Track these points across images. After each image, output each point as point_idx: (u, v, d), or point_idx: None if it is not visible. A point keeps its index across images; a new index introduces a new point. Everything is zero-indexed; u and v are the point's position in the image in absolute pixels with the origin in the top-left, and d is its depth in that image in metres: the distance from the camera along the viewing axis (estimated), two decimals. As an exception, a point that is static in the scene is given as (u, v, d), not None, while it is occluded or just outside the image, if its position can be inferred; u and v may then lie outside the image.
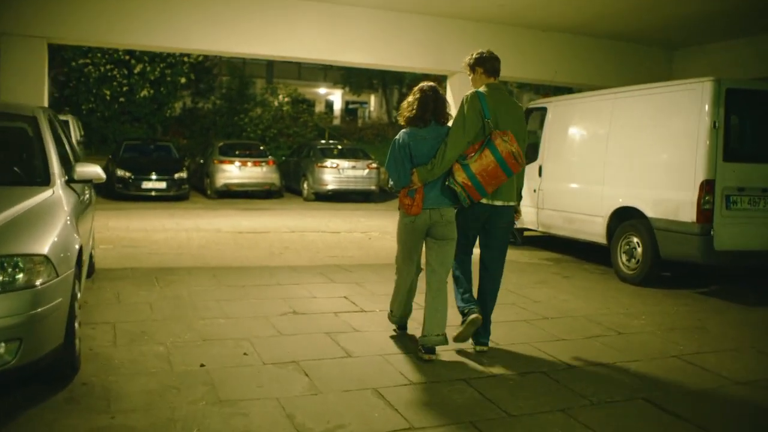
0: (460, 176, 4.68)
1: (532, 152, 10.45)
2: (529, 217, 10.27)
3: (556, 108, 9.92)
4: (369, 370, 4.58)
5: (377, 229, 12.48)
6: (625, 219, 8.33)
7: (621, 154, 8.41)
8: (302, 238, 11.10)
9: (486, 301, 5.18)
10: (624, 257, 8.28)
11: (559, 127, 9.76)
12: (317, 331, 5.46)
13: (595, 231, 8.79)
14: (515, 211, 5.08)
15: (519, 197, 5.12)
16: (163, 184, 17.71)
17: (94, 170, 5.12)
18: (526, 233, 10.97)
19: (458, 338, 5.02)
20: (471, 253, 5.22)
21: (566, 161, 9.50)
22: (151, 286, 6.85)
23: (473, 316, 4.92)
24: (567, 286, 7.84)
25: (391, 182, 4.95)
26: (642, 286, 7.90)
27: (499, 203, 4.90)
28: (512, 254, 10.10)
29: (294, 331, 5.46)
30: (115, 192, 17.42)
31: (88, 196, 6.10)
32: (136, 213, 14.18)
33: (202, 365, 4.52)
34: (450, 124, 4.93)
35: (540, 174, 9.98)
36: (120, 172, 17.59)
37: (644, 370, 4.85)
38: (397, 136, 4.95)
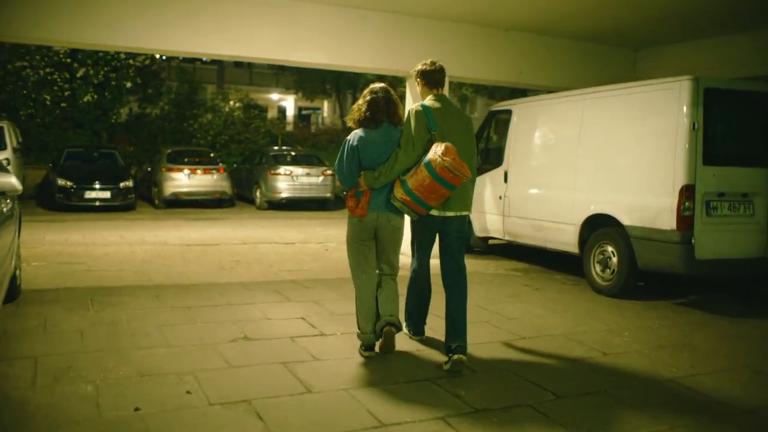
0: (399, 192, 4.72)
1: (496, 157, 10.00)
2: (494, 225, 9.79)
3: (521, 110, 9.46)
4: (333, 410, 3.97)
5: (334, 239, 11.86)
6: (598, 227, 7.89)
7: (593, 158, 7.96)
8: (255, 251, 10.42)
9: (454, 311, 5.01)
10: (598, 267, 7.83)
11: (525, 131, 9.29)
12: (272, 361, 4.82)
13: (566, 240, 8.33)
14: (467, 219, 5.11)
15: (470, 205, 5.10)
16: (107, 194, 16.83)
17: (7, 181, 4.42)
18: (491, 242, 10.49)
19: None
20: (426, 265, 5.30)
21: (534, 166, 9.04)
22: (84, 310, 6.12)
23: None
24: (540, 299, 7.35)
25: (339, 181, 5.02)
26: (618, 298, 7.45)
27: (450, 214, 4.91)
28: (478, 264, 9.65)
29: (245, 361, 4.81)
30: (55, 202, 16.49)
31: (8, 208, 5.35)
32: (76, 225, 13.30)
33: (136, 409, 3.84)
34: (403, 125, 4.92)
35: (505, 180, 9.50)
36: (61, 182, 16.66)
37: (641, 399, 4.35)
38: (348, 137, 4.93)
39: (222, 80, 40.69)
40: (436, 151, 4.55)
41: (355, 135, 4.90)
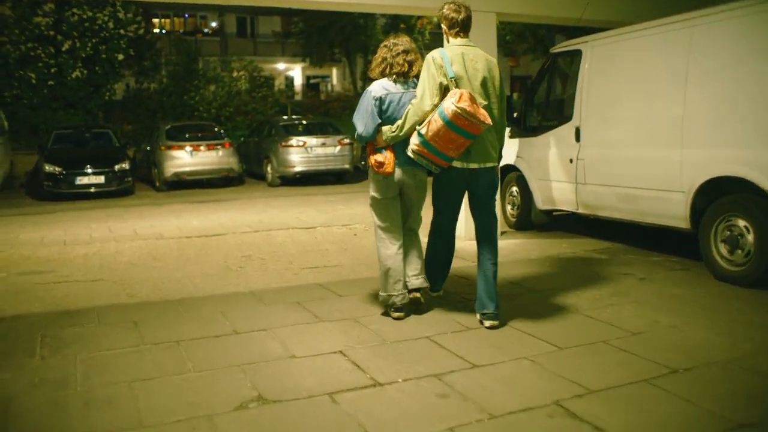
0: (415, 143, 4.54)
1: (560, 111, 8.02)
2: (563, 195, 7.85)
3: (597, 49, 7.43)
4: None
5: (361, 220, 9.95)
6: (720, 194, 5.94)
7: (712, 104, 5.96)
8: (268, 240, 8.54)
9: (487, 270, 4.76)
10: (723, 248, 5.88)
11: (604, 75, 7.28)
12: (305, 450, 2.96)
13: (672, 212, 6.37)
14: (496, 170, 4.83)
15: (499, 157, 4.87)
16: (101, 179, 15.03)
17: None
18: (555, 213, 8.57)
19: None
20: (451, 225, 5.08)
21: (619, 120, 7.03)
22: (26, 357, 4.26)
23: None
24: (654, 296, 5.43)
25: (356, 134, 4.74)
26: (757, 288, 5.53)
27: (474, 166, 4.66)
28: (547, 244, 7.73)
29: (261, 453, 2.96)
30: (44, 191, 14.71)
31: None
32: (61, 217, 11.49)
33: None
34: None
35: (578, 139, 7.52)
36: (48, 167, 14.86)
37: None
38: (369, 87, 4.76)
39: (225, 51, 38.72)
40: (450, 97, 4.35)
41: (378, 85, 4.73)
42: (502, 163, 8.45)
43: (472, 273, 5.49)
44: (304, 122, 18.16)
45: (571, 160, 7.63)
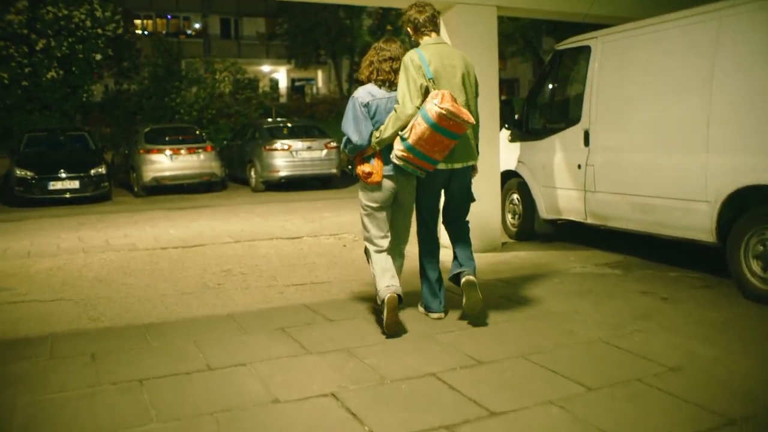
0: (399, 149, 4.39)
1: (566, 112, 7.45)
2: (570, 203, 7.26)
3: (607, 45, 6.84)
4: None
5: (350, 229, 9.30)
6: (751, 205, 5.36)
7: (740, 105, 5.38)
8: (251, 252, 7.89)
9: (460, 248, 4.86)
10: (756, 264, 5.30)
11: (616, 73, 6.69)
12: None
13: (694, 224, 5.79)
14: (473, 168, 4.83)
15: (477, 153, 4.79)
16: (75, 184, 14.36)
17: None
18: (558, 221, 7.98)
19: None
20: (436, 231, 4.95)
21: (634, 122, 6.44)
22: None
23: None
24: (684, 320, 4.83)
25: (345, 147, 4.63)
26: (797, 311, 4.96)
27: (459, 165, 4.65)
28: (553, 257, 7.13)
29: None
30: (15, 197, 13.97)
31: None
32: (31, 225, 10.80)
33: None
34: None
35: (586, 143, 6.93)
36: (19, 172, 14.17)
37: None
38: (355, 93, 4.67)
39: (209, 53, 38.06)
40: (432, 99, 4.27)
41: (363, 90, 4.61)
42: (502, 169, 7.96)
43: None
44: (289, 125, 17.54)
45: (579, 166, 7.04)
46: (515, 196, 8.24)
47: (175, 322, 5.04)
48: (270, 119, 21.01)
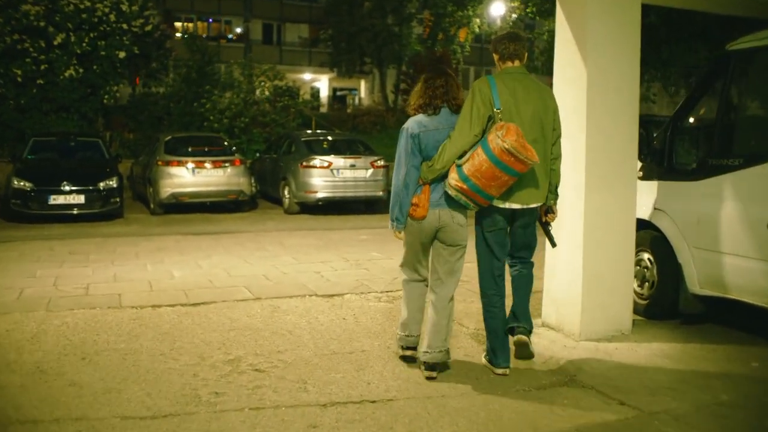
0: (453, 178, 4.13)
1: (743, 143, 5.06)
2: (746, 278, 4.87)
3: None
4: None
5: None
6: None
7: None
8: (272, 322, 5.60)
9: (519, 302, 4.56)
10: None
11: None
12: None
13: None
14: (550, 211, 4.48)
15: (554, 195, 4.44)
16: (80, 198, 12.39)
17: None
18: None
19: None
20: (499, 271, 4.48)
21: None
22: None
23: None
24: None
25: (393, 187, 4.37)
26: None
27: (516, 206, 4.28)
28: (725, 355, 4.69)
29: None
30: (11, 211, 12.00)
31: None
32: (9, 253, 8.85)
33: None
34: None
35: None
36: (17, 183, 12.20)
37: None
38: (405, 125, 4.42)
39: (249, 59, 36.31)
40: (497, 131, 3.97)
41: (413, 121, 4.39)
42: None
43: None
44: (330, 138, 15.32)
45: (768, 225, 4.64)
46: (646, 256, 5.86)
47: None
48: (309, 131, 18.84)
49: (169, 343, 4.99)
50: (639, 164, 5.80)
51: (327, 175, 13.38)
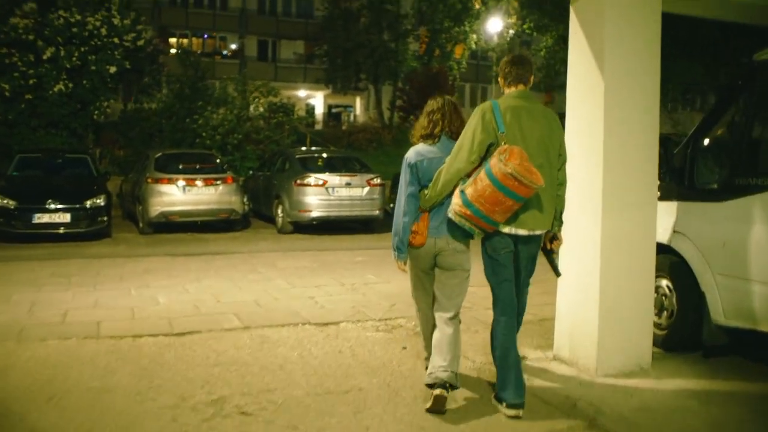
0: (457, 204, 3.98)
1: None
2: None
3: None
4: None
5: (404, 309, 6.50)
6: None
7: None
8: (262, 355, 5.16)
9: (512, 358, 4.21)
10: None
11: None
12: None
13: None
14: (555, 238, 4.28)
15: (559, 222, 4.25)
16: (66, 217, 11.94)
17: None
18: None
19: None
20: (513, 306, 4.20)
21: None
22: None
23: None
24: None
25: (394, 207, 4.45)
26: None
27: (523, 232, 4.09)
28: (759, 395, 4.29)
29: None
30: (-5, 230, 11.57)
31: None
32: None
33: None
34: None
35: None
36: (0, 200, 11.65)
37: None
38: (406, 155, 4.37)
39: (243, 75, 36.04)
40: (500, 155, 3.81)
41: (412, 150, 4.36)
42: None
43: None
44: (326, 156, 14.92)
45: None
46: (664, 283, 5.46)
47: None
48: (304, 147, 18.45)
49: (147, 381, 4.54)
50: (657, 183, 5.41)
51: (322, 193, 12.98)
